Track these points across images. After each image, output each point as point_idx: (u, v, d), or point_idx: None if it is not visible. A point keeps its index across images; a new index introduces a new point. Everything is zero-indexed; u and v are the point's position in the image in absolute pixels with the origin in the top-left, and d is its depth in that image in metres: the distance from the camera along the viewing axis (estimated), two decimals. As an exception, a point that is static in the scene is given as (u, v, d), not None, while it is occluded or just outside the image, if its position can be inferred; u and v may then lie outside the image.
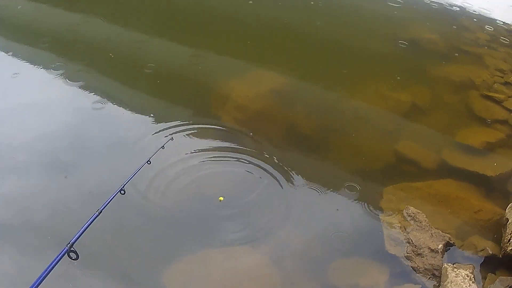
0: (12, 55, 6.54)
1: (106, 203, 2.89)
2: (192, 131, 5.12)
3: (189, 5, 8.10)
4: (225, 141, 5.03)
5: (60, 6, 7.93)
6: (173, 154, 4.71)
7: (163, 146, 4.10)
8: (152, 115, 5.35)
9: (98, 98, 5.57)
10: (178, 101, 5.75)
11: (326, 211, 4.38)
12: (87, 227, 2.56)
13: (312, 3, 8.19)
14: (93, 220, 2.65)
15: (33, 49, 6.70)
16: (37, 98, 5.57)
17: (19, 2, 8.04)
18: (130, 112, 5.40)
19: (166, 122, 5.18)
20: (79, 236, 2.46)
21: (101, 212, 2.75)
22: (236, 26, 7.36)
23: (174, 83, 6.08)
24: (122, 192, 3.14)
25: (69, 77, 5.90)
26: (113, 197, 3.00)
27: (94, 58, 6.47)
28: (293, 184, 4.57)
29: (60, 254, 2.29)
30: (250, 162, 4.77)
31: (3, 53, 6.60)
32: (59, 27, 7.23)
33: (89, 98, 5.56)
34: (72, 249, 2.35)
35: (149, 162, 3.67)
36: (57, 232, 3.93)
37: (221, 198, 4.35)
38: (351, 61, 6.70)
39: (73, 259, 2.34)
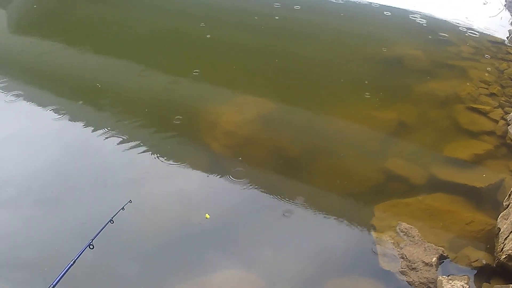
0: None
1: (76, 257, 3.32)
2: (179, 156, 5.46)
3: (174, 34, 8.45)
4: (213, 165, 5.34)
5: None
6: (160, 179, 5.14)
7: (123, 208, 4.04)
8: (139, 142, 5.63)
9: (84, 129, 5.88)
10: (165, 128, 6.00)
11: (318, 231, 4.66)
12: (61, 277, 3.12)
13: (295, 28, 8.57)
14: (67, 271, 3.19)
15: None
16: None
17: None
18: (117, 141, 5.64)
19: (153, 151, 5.52)
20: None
21: (71, 265, 3.24)
22: (222, 53, 7.70)
23: (161, 111, 6.35)
24: (91, 247, 3.48)
25: (56, 110, 6.20)
26: (82, 251, 3.40)
27: (80, 88, 6.80)
28: (284, 206, 4.85)
29: None
30: (238, 185, 5.07)
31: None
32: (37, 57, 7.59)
33: (74, 130, 5.89)
34: None
35: (112, 222, 3.81)
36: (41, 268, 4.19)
37: (208, 216, 4.60)
38: (336, 83, 6.99)
39: None
